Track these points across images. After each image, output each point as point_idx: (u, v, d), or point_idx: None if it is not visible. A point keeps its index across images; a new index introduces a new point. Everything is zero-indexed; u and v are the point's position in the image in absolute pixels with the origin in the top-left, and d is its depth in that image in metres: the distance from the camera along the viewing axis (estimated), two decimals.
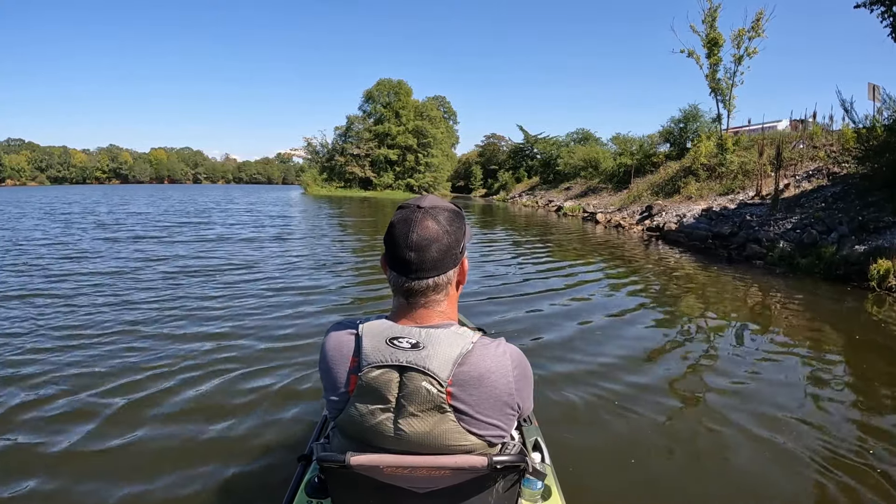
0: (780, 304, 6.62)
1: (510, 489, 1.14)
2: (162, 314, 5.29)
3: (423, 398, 1.00)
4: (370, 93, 56.58)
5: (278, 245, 11.50)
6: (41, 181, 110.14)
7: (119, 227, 14.94)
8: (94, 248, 10.29)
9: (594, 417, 3.22)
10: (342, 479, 1.12)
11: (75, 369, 3.80)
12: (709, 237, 11.73)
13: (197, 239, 12.23)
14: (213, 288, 6.62)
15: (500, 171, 53.14)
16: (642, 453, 2.78)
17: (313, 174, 56.90)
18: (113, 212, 21.38)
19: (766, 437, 2.95)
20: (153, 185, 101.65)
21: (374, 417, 1.04)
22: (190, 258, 9.12)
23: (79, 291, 6.21)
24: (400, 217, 1.07)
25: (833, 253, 8.31)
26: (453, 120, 68.07)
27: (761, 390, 3.68)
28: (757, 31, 16.69)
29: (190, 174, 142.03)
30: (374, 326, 1.07)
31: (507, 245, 12.65)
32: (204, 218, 19.02)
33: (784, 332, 5.28)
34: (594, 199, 25.65)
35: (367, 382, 1.03)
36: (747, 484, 2.52)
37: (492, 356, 1.04)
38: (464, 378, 1.01)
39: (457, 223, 1.10)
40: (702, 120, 22.89)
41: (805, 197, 12.12)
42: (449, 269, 1.08)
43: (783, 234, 10.07)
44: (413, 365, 1.01)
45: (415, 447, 1.03)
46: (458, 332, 1.05)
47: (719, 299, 6.85)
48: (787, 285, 7.65)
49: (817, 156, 14.38)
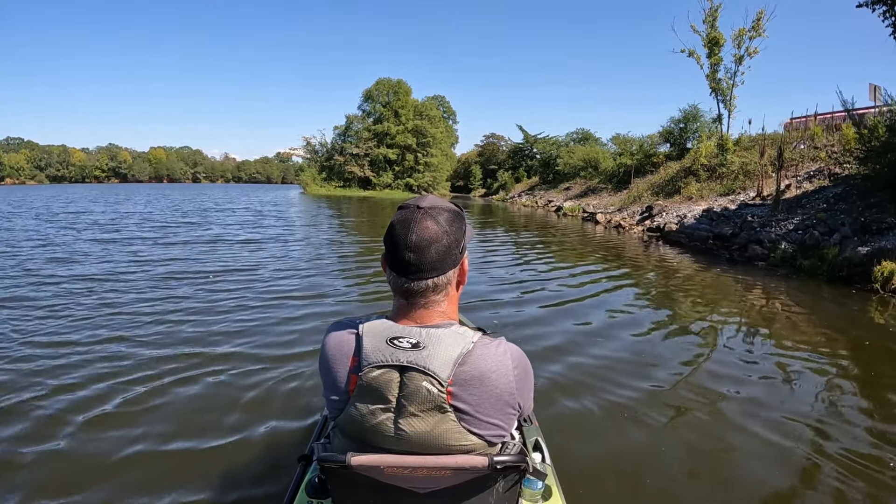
0: (784, 306, 6.53)
1: (511, 489, 1.13)
2: (159, 315, 5.22)
3: (423, 398, 1.00)
4: (369, 92, 56.49)
5: (277, 246, 11.40)
6: (40, 180, 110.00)
7: (112, 227, 14.83)
8: (84, 249, 10.16)
9: (595, 418, 3.20)
10: (342, 480, 1.11)
11: (74, 369, 3.76)
12: (710, 238, 11.65)
13: (193, 240, 12.12)
14: (210, 290, 6.52)
15: (500, 171, 52.98)
16: (643, 455, 2.77)
17: (312, 173, 56.76)
18: (107, 211, 21.27)
19: (770, 441, 2.91)
20: (152, 185, 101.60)
21: (374, 417, 1.03)
22: (186, 259, 9.02)
23: (62, 296, 6.10)
24: (400, 217, 1.07)
25: (836, 254, 8.22)
26: (452, 119, 67.96)
27: (765, 394, 3.61)
28: (758, 30, 16.61)
29: (189, 173, 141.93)
30: (374, 326, 1.06)
31: (507, 245, 12.55)
32: (201, 218, 18.90)
33: (789, 335, 5.19)
34: (594, 199, 25.57)
35: (367, 382, 1.02)
36: (749, 486, 2.50)
37: (492, 356, 1.04)
38: (464, 378, 1.01)
39: (457, 223, 1.09)
40: (702, 120, 22.81)
41: (806, 198, 12.05)
42: (449, 270, 1.07)
43: (785, 235, 9.98)
44: (413, 365, 1.00)
45: (415, 447, 1.03)
46: (458, 332, 1.04)
47: (722, 302, 6.76)
48: (789, 287, 7.57)
49: (818, 156, 14.31)
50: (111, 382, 3.52)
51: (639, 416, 3.20)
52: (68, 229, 13.80)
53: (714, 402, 3.49)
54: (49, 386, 3.45)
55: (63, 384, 3.49)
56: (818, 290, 7.38)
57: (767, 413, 3.28)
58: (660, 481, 2.52)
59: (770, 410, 3.32)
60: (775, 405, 3.41)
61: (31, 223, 15.54)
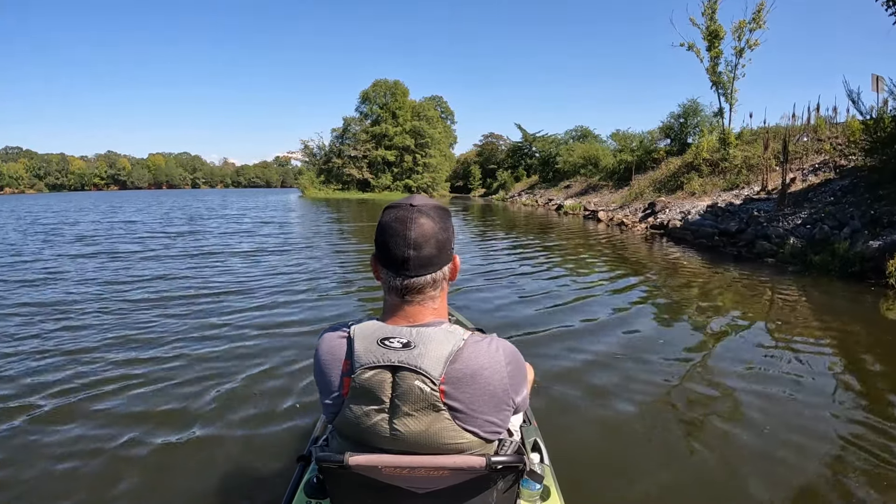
0: (796, 304, 6.30)
1: (509, 490, 1.14)
2: (159, 316, 5.28)
3: (416, 397, 1.00)
4: (366, 93, 56.26)
5: (275, 241, 11.19)
6: (39, 189, 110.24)
7: (99, 238, 14.60)
8: (59, 266, 9.92)
9: (595, 419, 3.17)
10: (341, 480, 1.12)
11: (74, 367, 3.82)
12: (715, 234, 11.42)
13: (185, 254, 11.90)
14: (206, 293, 6.32)
15: (499, 171, 52.69)
16: (645, 456, 2.73)
17: (311, 177, 56.56)
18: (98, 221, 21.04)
19: (780, 444, 2.80)
20: (151, 192, 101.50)
21: (369, 419, 1.04)
22: (183, 270, 8.83)
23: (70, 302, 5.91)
24: (393, 216, 1.07)
25: (846, 249, 8.01)
26: (451, 120, 67.82)
27: (777, 396, 3.45)
28: (758, 22, 16.39)
29: (188, 179, 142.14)
30: (364, 328, 1.06)
31: (508, 245, 12.33)
32: (196, 227, 18.67)
33: (801, 334, 4.97)
34: (595, 196, 25.35)
35: (360, 384, 1.03)
36: (755, 489, 2.42)
37: (484, 352, 1.04)
38: (456, 376, 1.01)
39: (447, 220, 1.11)
40: (702, 114, 22.58)
41: (813, 191, 11.82)
42: (444, 265, 1.09)
43: (793, 230, 9.76)
44: (405, 364, 1.00)
45: (411, 447, 1.03)
46: (448, 330, 1.04)
47: (731, 301, 6.54)
48: (800, 284, 7.34)
49: (823, 149, 14.09)
50: (118, 385, 3.58)
51: (642, 418, 3.15)
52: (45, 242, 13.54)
53: (721, 404, 3.38)
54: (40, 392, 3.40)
55: (71, 386, 3.50)
56: (830, 287, 7.15)
57: (778, 416, 3.15)
58: (661, 484, 2.47)
59: (782, 413, 3.19)
60: (788, 407, 3.28)
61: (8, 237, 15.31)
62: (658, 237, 13.47)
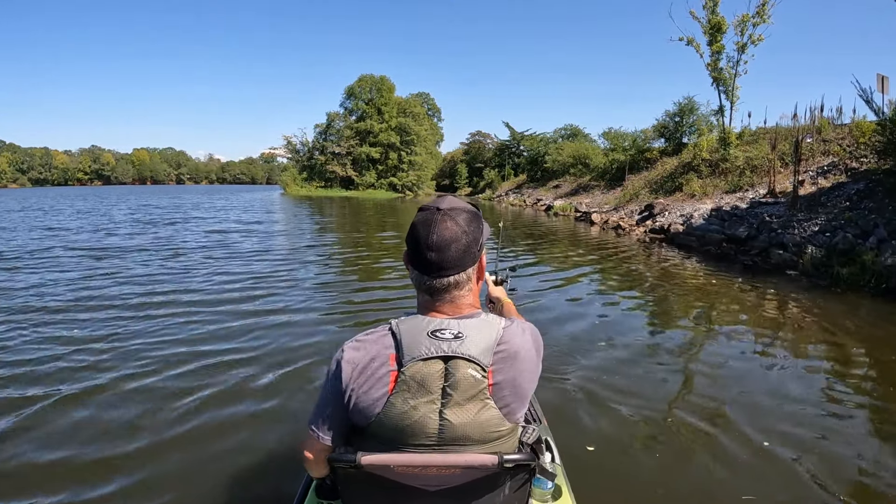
0: (831, 326, 5.30)
1: (520, 488, 1.15)
2: (162, 313, 5.32)
3: (468, 385, 1.01)
4: (352, 89, 54.80)
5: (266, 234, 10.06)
6: (22, 183, 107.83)
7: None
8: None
9: (606, 422, 3.13)
10: (352, 480, 1.11)
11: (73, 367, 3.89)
12: (723, 241, 10.52)
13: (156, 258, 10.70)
14: (203, 299, 5.27)
15: (486, 169, 51.71)
16: (655, 460, 2.71)
17: (293, 174, 55.06)
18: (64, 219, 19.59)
19: (799, 461, 2.71)
20: (133, 186, 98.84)
21: (417, 412, 1.02)
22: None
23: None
24: (421, 219, 1.09)
25: (872, 260, 7.14)
26: (437, 117, 66.42)
27: (801, 422, 3.19)
28: (762, 16, 15.55)
29: (173, 175, 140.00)
30: (410, 323, 1.06)
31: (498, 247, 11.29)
32: (133, 239, 17.33)
33: (840, 363, 4.20)
34: (585, 197, 24.45)
35: (410, 376, 1.02)
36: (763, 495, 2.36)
37: (518, 336, 1.08)
38: (500, 362, 1.04)
39: (475, 223, 1.11)
40: (698, 113, 21.78)
41: (825, 195, 10.98)
42: (468, 267, 1.10)
43: (810, 238, 8.87)
44: (458, 354, 1.02)
45: (458, 438, 1.03)
46: (486, 320, 1.08)
47: (752, 320, 5.58)
48: (826, 300, 6.42)
49: (830, 150, 13.29)
50: (130, 387, 3.56)
51: (653, 422, 3.13)
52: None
53: (738, 415, 3.25)
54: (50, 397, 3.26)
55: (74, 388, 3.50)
56: (859, 305, 6.26)
57: (798, 437, 2.97)
58: (672, 487, 2.45)
59: (805, 440, 2.95)
60: (813, 434, 3.02)
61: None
62: (658, 242, 12.53)
